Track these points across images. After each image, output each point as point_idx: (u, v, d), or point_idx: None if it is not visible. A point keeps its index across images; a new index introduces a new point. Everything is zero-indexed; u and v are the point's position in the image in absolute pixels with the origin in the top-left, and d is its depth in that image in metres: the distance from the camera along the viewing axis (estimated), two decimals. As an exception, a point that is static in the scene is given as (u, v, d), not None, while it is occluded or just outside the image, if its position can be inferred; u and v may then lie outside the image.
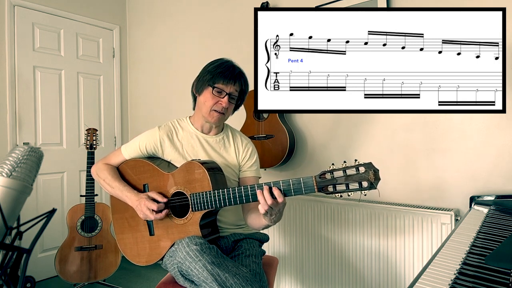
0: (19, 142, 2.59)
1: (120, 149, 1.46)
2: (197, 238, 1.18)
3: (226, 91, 1.35)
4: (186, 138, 1.43)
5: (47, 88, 2.74)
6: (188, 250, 1.13)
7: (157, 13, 3.02)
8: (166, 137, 1.41)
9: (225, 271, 1.09)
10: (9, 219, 0.75)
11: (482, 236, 0.93)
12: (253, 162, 1.47)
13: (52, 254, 2.63)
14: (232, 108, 1.42)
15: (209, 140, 1.44)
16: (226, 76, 1.34)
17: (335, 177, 1.06)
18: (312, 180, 1.08)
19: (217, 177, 1.28)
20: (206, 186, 1.23)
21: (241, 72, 1.41)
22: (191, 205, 1.26)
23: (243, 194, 1.17)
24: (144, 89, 3.17)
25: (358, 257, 1.83)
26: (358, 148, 1.92)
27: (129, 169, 1.43)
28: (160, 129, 1.42)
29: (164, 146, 1.41)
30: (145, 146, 1.41)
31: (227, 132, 1.50)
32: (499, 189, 1.53)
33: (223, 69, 1.36)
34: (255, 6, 2.29)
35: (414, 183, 1.76)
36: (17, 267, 0.79)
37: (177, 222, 1.29)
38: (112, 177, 1.39)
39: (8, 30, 2.53)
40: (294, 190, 1.10)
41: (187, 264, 1.12)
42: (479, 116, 1.57)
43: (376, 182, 1.02)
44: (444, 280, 0.65)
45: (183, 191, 1.29)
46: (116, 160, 1.46)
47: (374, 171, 1.02)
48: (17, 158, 0.78)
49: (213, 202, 1.21)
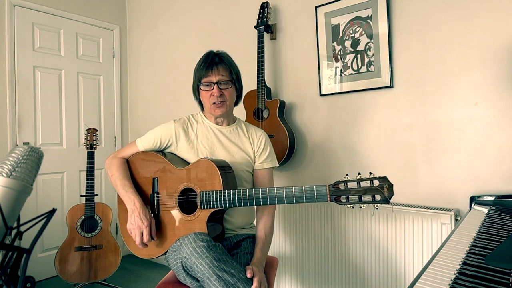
0: (19, 142, 2.59)
1: (135, 141, 1.47)
2: (203, 235, 1.19)
3: (213, 81, 1.36)
4: (201, 130, 1.45)
5: (47, 88, 2.74)
6: (195, 246, 1.13)
7: (157, 13, 3.02)
8: (181, 130, 1.43)
9: (230, 267, 1.10)
10: (9, 219, 0.75)
11: (482, 236, 0.93)
12: (267, 153, 1.49)
13: (52, 254, 2.63)
14: (230, 93, 1.40)
15: (223, 130, 1.46)
16: (204, 66, 1.36)
17: (349, 188, 1.07)
18: (326, 189, 1.09)
19: (227, 176, 1.29)
20: (217, 185, 1.24)
21: (220, 56, 1.40)
22: (199, 202, 1.26)
23: (253, 197, 1.18)
24: (144, 89, 3.17)
25: (358, 257, 1.82)
26: (358, 148, 1.92)
27: (140, 162, 1.43)
28: (176, 122, 1.45)
29: (179, 137, 1.42)
30: (160, 138, 1.43)
31: (240, 124, 1.52)
32: (499, 189, 1.53)
33: (201, 63, 1.38)
34: (254, 6, 2.30)
35: (414, 183, 1.76)
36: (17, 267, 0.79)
37: (184, 218, 1.29)
38: (120, 174, 1.39)
39: (8, 30, 2.53)
40: (306, 197, 1.11)
41: (192, 260, 1.12)
42: (479, 116, 1.57)
43: (390, 197, 1.03)
44: (444, 280, 0.65)
45: (193, 187, 1.30)
46: (130, 152, 1.46)
47: (389, 185, 1.04)
48: (17, 158, 0.78)
49: (223, 202, 1.22)
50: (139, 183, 1.42)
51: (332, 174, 2.02)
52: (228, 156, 1.41)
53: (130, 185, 1.37)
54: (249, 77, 2.25)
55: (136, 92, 3.24)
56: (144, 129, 1.49)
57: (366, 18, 1.85)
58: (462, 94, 1.61)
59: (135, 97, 3.25)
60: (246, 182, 1.46)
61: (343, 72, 1.94)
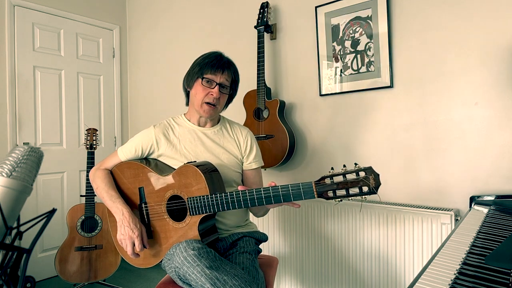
0: (19, 142, 2.59)
1: (116, 151, 1.44)
2: (195, 242, 1.17)
3: (216, 81, 1.35)
4: (183, 133, 1.42)
5: (47, 88, 2.74)
6: (185, 255, 1.12)
7: (157, 13, 3.02)
8: (162, 135, 1.40)
9: (223, 274, 1.08)
10: (9, 219, 0.75)
11: (482, 236, 0.93)
12: (254, 153, 1.48)
13: (52, 254, 2.63)
14: (224, 99, 1.41)
15: (207, 132, 1.44)
16: (214, 65, 1.34)
17: (335, 182, 1.04)
18: (312, 186, 1.06)
19: (213, 178, 1.27)
20: (203, 190, 1.22)
21: (229, 61, 1.40)
22: (188, 209, 1.25)
23: (241, 199, 1.16)
24: (144, 89, 3.17)
25: (358, 257, 1.82)
26: (358, 148, 1.92)
27: (123, 173, 1.40)
28: (156, 127, 1.42)
29: (160, 144, 1.39)
30: (141, 146, 1.39)
31: (224, 124, 1.49)
32: (499, 189, 1.53)
33: (210, 59, 1.36)
34: (254, 6, 2.30)
35: (414, 183, 1.76)
36: (17, 267, 0.79)
37: (175, 226, 1.28)
38: (105, 185, 1.36)
39: (8, 30, 2.53)
40: (294, 195, 1.09)
41: (184, 269, 1.11)
42: (479, 116, 1.57)
43: (376, 187, 1.00)
44: (444, 280, 0.65)
45: (180, 195, 1.27)
46: (112, 163, 1.43)
47: (375, 175, 1.00)
48: (17, 158, 0.78)
49: (211, 207, 1.20)
50: (125, 194, 1.39)
51: (332, 174, 2.02)
52: (214, 159, 1.39)
53: (117, 195, 1.33)
54: (249, 77, 2.25)
55: (136, 92, 3.24)
56: (144, 129, 1.48)
57: (366, 18, 1.85)
58: (462, 94, 1.61)
59: (135, 97, 3.25)
60: (235, 183, 1.44)
61: (343, 72, 1.94)
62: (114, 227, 1.39)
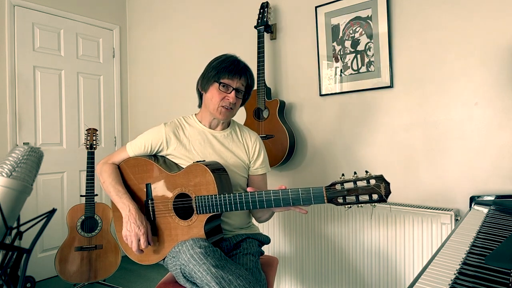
0: (19, 142, 2.59)
1: (125, 146, 1.45)
2: (201, 240, 1.18)
3: (233, 86, 1.34)
4: (193, 134, 1.42)
5: (47, 88, 2.74)
6: (192, 253, 1.13)
7: (157, 13, 3.02)
8: (172, 134, 1.40)
9: (228, 273, 1.09)
10: (9, 219, 0.75)
11: (482, 236, 0.93)
12: (261, 159, 1.48)
13: (52, 254, 2.63)
14: (239, 103, 1.41)
15: (217, 135, 1.44)
16: (231, 70, 1.33)
17: (345, 189, 1.05)
18: (322, 192, 1.07)
19: (222, 179, 1.27)
20: (212, 190, 1.23)
21: (246, 66, 1.40)
22: (195, 207, 1.25)
23: (250, 200, 1.17)
24: (144, 89, 3.17)
25: (358, 257, 1.82)
26: (358, 148, 1.92)
27: (131, 168, 1.41)
28: (166, 126, 1.41)
29: (170, 142, 1.39)
30: (150, 142, 1.39)
31: (234, 128, 1.50)
32: (499, 189, 1.53)
33: (227, 64, 1.35)
34: (254, 6, 2.30)
35: (414, 183, 1.76)
36: (17, 267, 0.79)
37: (181, 223, 1.28)
38: (112, 180, 1.36)
39: (8, 30, 2.53)
40: (303, 199, 1.10)
41: (190, 267, 1.11)
42: (479, 116, 1.57)
43: (387, 195, 1.01)
44: (444, 280, 0.65)
45: (188, 193, 1.28)
46: (120, 157, 1.43)
47: (385, 184, 1.02)
48: (17, 158, 0.78)
49: (219, 206, 1.21)
50: (132, 189, 1.39)
51: (332, 174, 2.02)
52: (221, 161, 1.39)
53: (124, 191, 1.34)
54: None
55: (136, 92, 3.24)
56: (144, 129, 1.48)
57: (366, 18, 1.85)
58: (462, 94, 1.61)
59: (135, 97, 3.25)
60: (241, 188, 1.45)
61: (343, 72, 1.94)
62: (118, 221, 1.39)
